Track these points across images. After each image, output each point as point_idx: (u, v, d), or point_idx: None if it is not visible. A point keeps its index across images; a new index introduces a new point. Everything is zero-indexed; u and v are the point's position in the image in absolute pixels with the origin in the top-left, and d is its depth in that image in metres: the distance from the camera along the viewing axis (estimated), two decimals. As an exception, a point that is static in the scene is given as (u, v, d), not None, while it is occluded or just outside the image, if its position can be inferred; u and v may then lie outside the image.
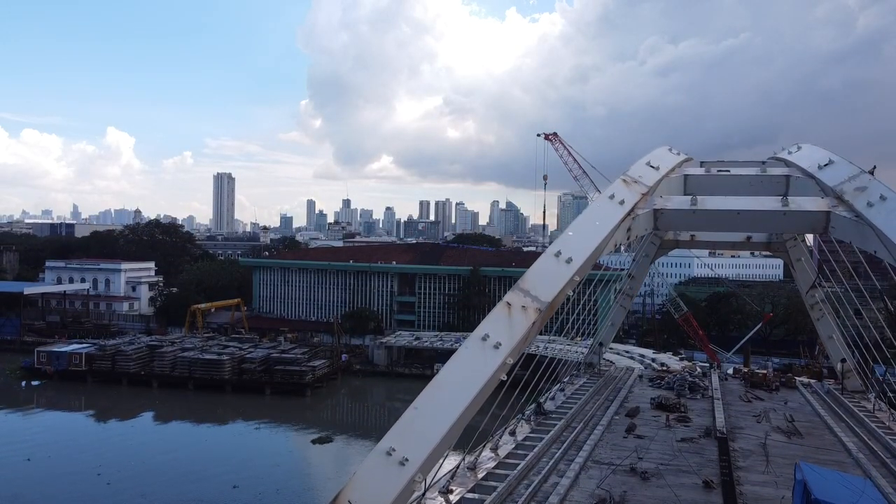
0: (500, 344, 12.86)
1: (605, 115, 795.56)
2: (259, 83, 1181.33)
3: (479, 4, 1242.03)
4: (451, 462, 17.65)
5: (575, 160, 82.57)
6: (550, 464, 20.08)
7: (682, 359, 59.27)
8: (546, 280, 14.32)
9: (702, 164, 22.02)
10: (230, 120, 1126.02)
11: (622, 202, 16.75)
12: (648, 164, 18.93)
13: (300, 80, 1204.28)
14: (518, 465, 19.76)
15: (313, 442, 58.51)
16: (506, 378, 13.19)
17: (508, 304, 13.69)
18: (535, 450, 21.27)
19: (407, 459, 11.21)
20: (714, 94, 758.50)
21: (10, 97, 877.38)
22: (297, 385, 73.31)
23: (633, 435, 24.71)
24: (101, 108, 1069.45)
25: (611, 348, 54.85)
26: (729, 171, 19.89)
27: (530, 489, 17.65)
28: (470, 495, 17.44)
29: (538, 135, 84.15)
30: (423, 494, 15.77)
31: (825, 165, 17.39)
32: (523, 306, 13.69)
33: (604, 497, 17.46)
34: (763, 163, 21.48)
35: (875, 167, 17.08)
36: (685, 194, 19.24)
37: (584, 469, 20.04)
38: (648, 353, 62.11)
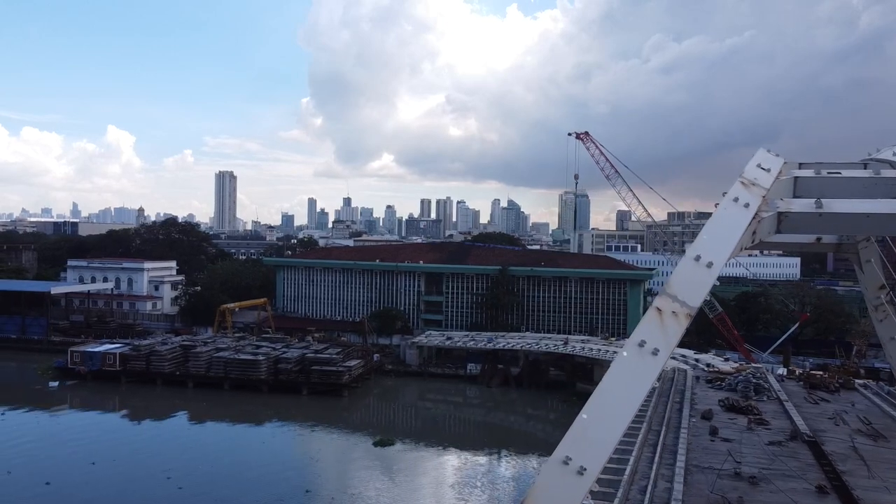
0: (657, 350, 12.72)
1: (607, 112, 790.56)
2: (260, 81, 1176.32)
3: (479, 3, 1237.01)
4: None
5: (606, 159, 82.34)
6: (654, 468, 19.97)
7: (726, 359, 58.89)
8: (691, 284, 14.16)
9: (800, 165, 21.76)
10: (231, 118, 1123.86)
11: (747, 205, 16.51)
12: (759, 166, 18.70)
13: (301, 78, 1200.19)
14: (621, 469, 19.64)
15: (375, 444, 58.09)
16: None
17: (659, 309, 13.53)
18: (634, 454, 21.14)
19: (584, 469, 11.06)
20: (716, 91, 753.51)
21: (9, 95, 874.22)
22: (334, 385, 73.27)
23: (719, 438, 24.56)
24: (102, 106, 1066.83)
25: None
26: (840, 173, 19.63)
27: (648, 495, 17.54)
28: (587, 502, 17.35)
29: (569, 134, 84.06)
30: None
31: (945, 167, 17.14)
32: (673, 312, 13.52)
33: (721, 503, 17.32)
34: (865, 165, 21.19)
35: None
36: (794, 196, 19.02)
37: (689, 473, 19.92)
38: (689, 353, 61.67)
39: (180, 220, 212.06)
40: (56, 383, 79.16)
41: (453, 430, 71.38)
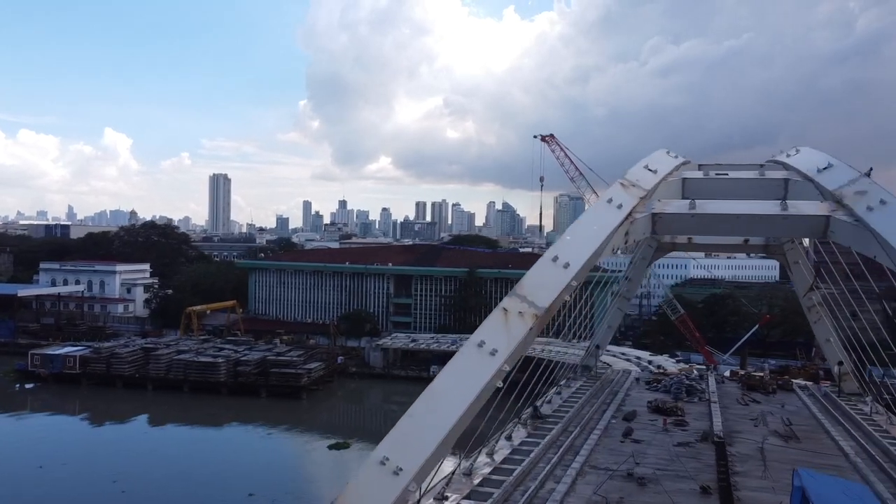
0: (496, 351, 12.70)
1: (605, 115, 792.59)
2: (257, 83, 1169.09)
3: (476, 5, 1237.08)
4: (447, 467, 17.40)
5: (571, 161, 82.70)
6: (547, 469, 19.88)
7: (678, 361, 59.20)
8: (543, 285, 14.20)
9: (700, 166, 21.85)
10: (229, 120, 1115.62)
11: (620, 206, 16.59)
12: (646, 167, 18.78)
13: (299, 81, 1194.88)
14: (514, 470, 19.55)
15: (330, 448, 57.60)
16: (501, 385, 12.98)
17: (505, 310, 13.52)
18: (532, 455, 21.06)
19: (401, 469, 11.03)
20: (715, 94, 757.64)
21: (6, 97, 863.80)
22: (292, 388, 72.98)
23: (630, 439, 24.52)
24: (99, 108, 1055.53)
25: (607, 350, 54.74)
26: (727, 174, 19.73)
27: (526, 496, 17.45)
28: (466, 502, 17.27)
29: (535, 136, 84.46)
30: (418, 502, 15.52)
31: (824, 169, 17.25)
32: (520, 312, 13.54)
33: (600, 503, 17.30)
34: (761, 166, 21.32)
35: (871, 169, 16.94)
36: (683, 198, 19.07)
37: (581, 475, 19.85)
38: (645, 355, 62.13)
39: (176, 223, 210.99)
40: (18, 386, 78.60)
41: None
